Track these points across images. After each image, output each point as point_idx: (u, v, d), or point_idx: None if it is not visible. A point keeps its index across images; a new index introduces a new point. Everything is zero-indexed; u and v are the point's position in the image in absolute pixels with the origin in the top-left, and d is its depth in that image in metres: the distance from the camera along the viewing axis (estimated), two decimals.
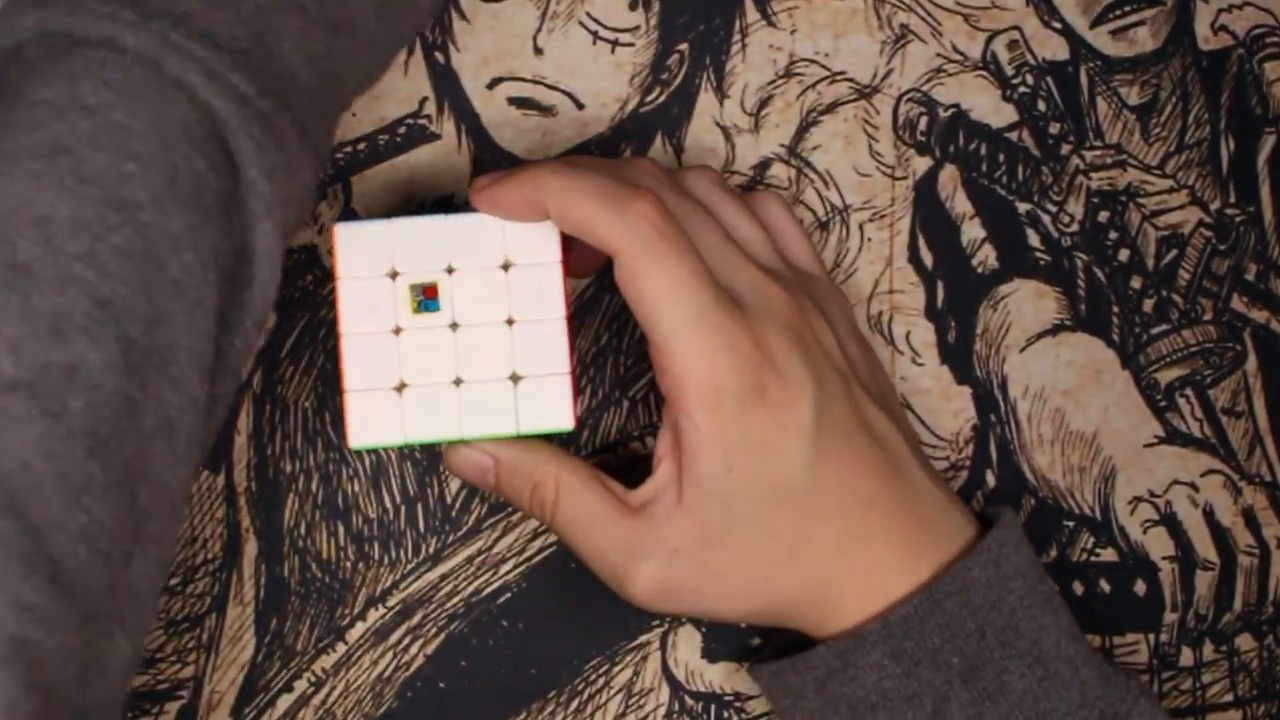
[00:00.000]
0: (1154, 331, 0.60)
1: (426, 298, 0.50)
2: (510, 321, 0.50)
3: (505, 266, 0.50)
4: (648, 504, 0.50)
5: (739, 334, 0.48)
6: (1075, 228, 0.60)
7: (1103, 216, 0.60)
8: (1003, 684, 0.50)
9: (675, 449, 0.49)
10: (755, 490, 0.49)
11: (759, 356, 0.48)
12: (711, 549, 0.49)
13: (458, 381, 0.50)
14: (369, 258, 0.50)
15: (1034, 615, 0.51)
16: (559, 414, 0.50)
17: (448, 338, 0.50)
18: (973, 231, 0.59)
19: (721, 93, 0.59)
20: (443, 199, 0.57)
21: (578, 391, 0.52)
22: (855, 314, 0.57)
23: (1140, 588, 0.59)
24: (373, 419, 0.50)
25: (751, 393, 0.48)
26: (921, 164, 0.59)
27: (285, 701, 0.56)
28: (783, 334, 0.49)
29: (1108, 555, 0.59)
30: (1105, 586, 0.59)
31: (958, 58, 0.59)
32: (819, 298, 0.53)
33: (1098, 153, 0.60)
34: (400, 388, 0.50)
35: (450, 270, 0.50)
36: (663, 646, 0.57)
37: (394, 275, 0.50)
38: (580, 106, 0.58)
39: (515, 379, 0.50)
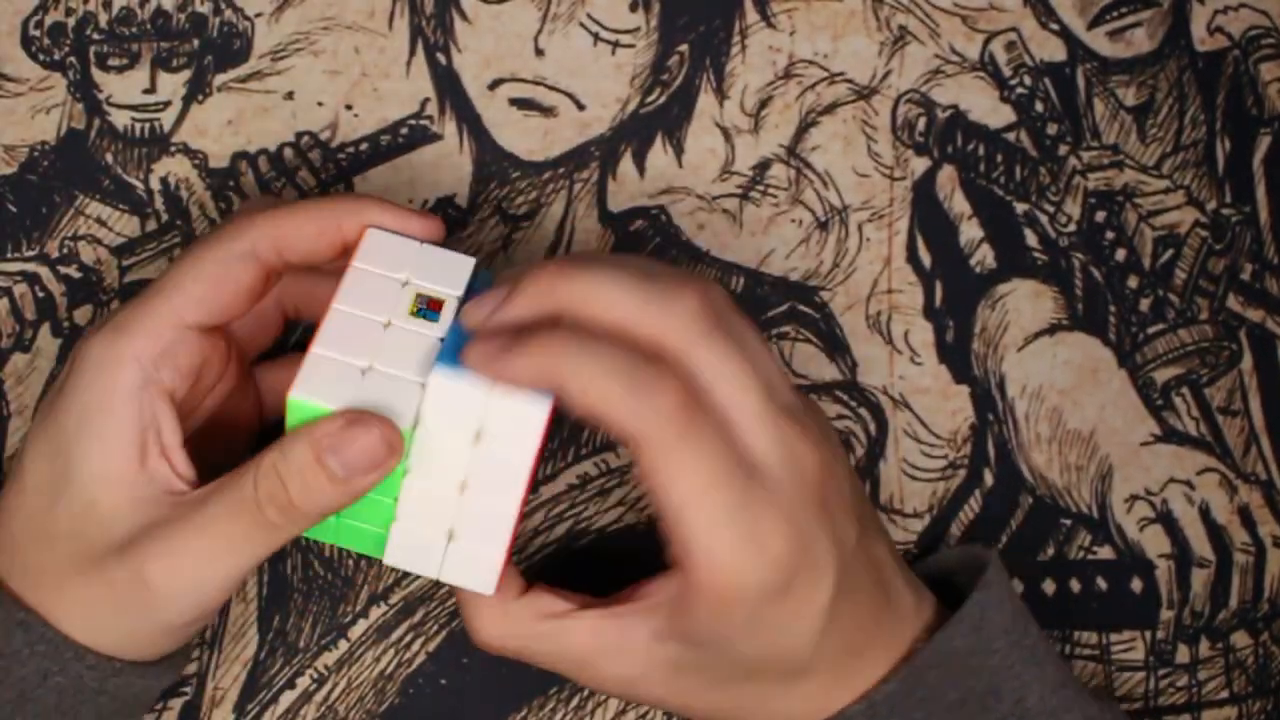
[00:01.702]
0: (1150, 331, 0.60)
1: (428, 308, 0.47)
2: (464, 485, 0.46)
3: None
4: (628, 614, 0.47)
5: (771, 532, 0.44)
6: (1072, 228, 0.60)
7: (1100, 216, 0.60)
8: None
9: (677, 587, 0.46)
10: (750, 655, 0.47)
11: (789, 554, 0.44)
12: (684, 676, 0.47)
13: (424, 387, 0.46)
14: (388, 261, 0.48)
15: (1017, 673, 0.50)
16: (489, 565, 0.47)
17: (433, 347, 0.46)
18: (971, 231, 0.60)
19: (721, 94, 0.59)
20: (444, 199, 0.58)
21: (510, 560, 0.48)
22: (856, 313, 0.57)
23: (1136, 585, 0.59)
24: (325, 381, 0.45)
25: (775, 592, 0.44)
26: (920, 164, 0.59)
27: (288, 698, 0.56)
28: (812, 508, 0.45)
29: (1104, 553, 0.59)
30: (1102, 584, 0.59)
31: (956, 59, 0.60)
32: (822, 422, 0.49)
33: (1095, 153, 0.60)
34: (366, 370, 0.45)
35: (461, 301, 0.47)
36: None
37: (405, 283, 0.47)
38: (581, 107, 0.58)
39: (451, 536, 0.47)
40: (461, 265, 0.48)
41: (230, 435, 0.52)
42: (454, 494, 0.46)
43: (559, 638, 0.48)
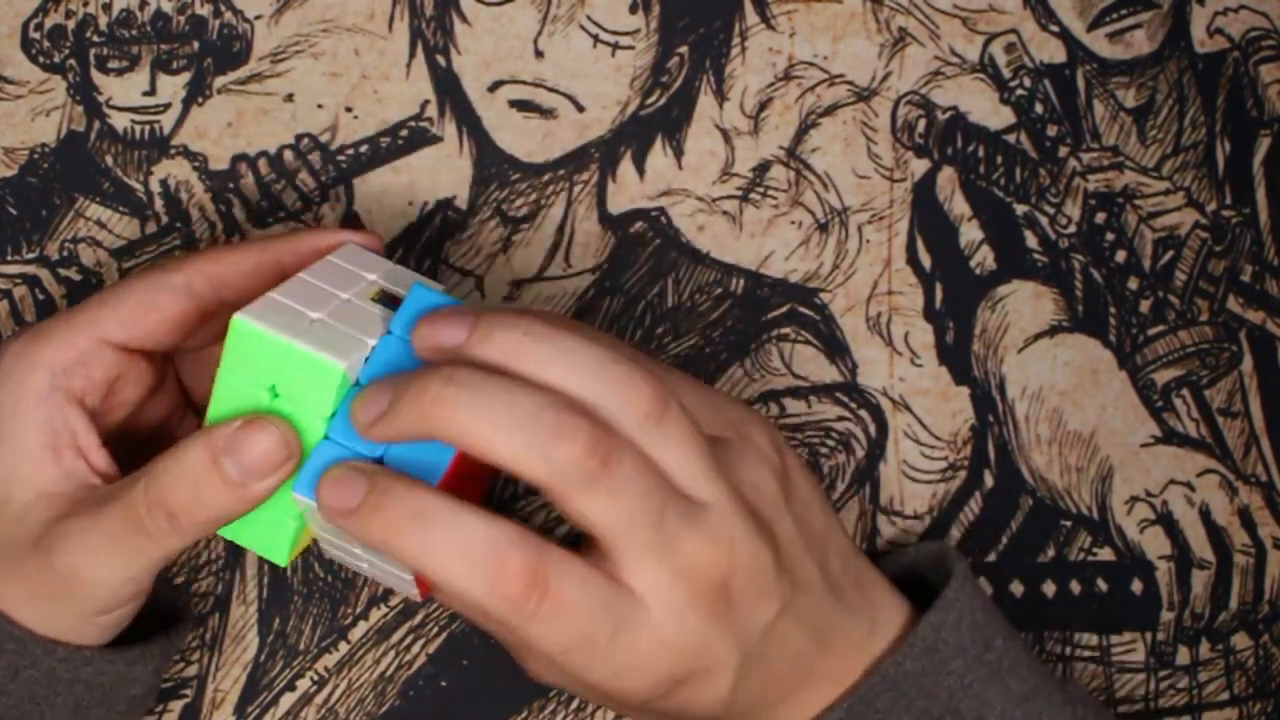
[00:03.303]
0: (1151, 332, 0.60)
1: (389, 301, 0.47)
2: None
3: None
4: None
5: (653, 657, 0.44)
6: (1072, 229, 0.60)
7: (1100, 218, 0.60)
8: None
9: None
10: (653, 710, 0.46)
11: (673, 669, 0.44)
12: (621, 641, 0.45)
13: (367, 361, 0.45)
14: (359, 264, 0.48)
15: (975, 692, 0.49)
16: (410, 582, 0.46)
17: (384, 324, 0.45)
18: (971, 233, 0.60)
19: (721, 95, 0.59)
20: (444, 201, 0.58)
21: None
22: (856, 314, 0.57)
23: (1137, 587, 0.59)
24: (272, 314, 0.44)
25: (662, 696, 0.45)
26: (920, 166, 0.59)
27: (288, 700, 0.56)
28: (705, 612, 0.44)
29: (1105, 554, 0.59)
30: (1102, 585, 0.59)
31: (956, 60, 0.60)
32: (745, 471, 0.47)
33: (1095, 155, 0.60)
34: (315, 321, 0.45)
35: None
36: None
37: (373, 284, 0.47)
38: (581, 109, 0.58)
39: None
40: (429, 286, 0.47)
41: (146, 419, 0.52)
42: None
43: None
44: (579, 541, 0.45)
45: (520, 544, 0.42)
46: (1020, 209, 0.60)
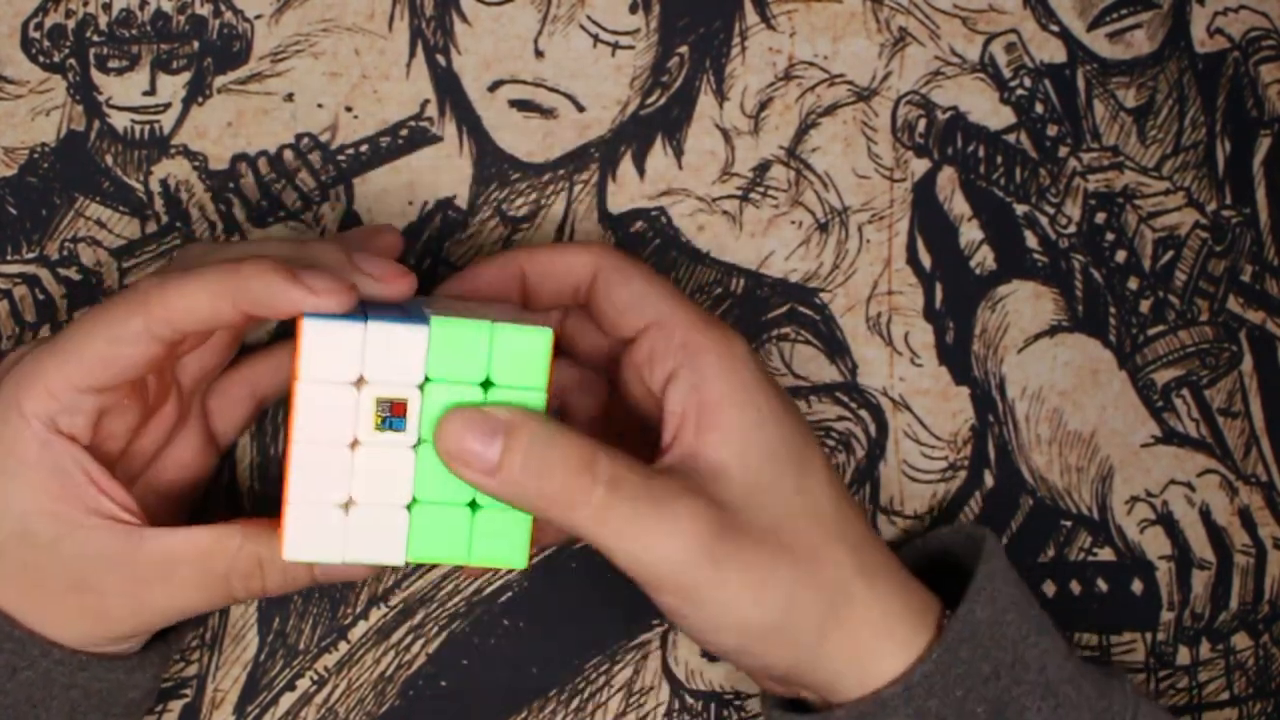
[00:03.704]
0: (1151, 332, 0.60)
1: (393, 415, 0.45)
2: None
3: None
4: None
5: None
6: (1073, 229, 0.60)
7: (1100, 218, 0.60)
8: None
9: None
10: (780, 513, 0.48)
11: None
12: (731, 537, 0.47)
13: (412, 504, 0.46)
14: (337, 360, 0.45)
15: (1034, 643, 0.50)
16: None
17: (408, 457, 0.46)
18: (971, 233, 0.60)
19: (721, 95, 0.59)
20: (444, 201, 0.58)
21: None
22: (856, 314, 0.57)
23: (1137, 587, 0.59)
24: (313, 534, 0.45)
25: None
26: (920, 166, 0.59)
27: (288, 700, 0.56)
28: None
29: (1105, 554, 0.59)
30: (1102, 586, 0.59)
31: (956, 60, 0.60)
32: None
33: (1095, 155, 0.60)
34: (347, 505, 0.45)
35: (423, 386, 0.46)
36: (663, 645, 0.57)
37: (360, 383, 0.45)
38: (581, 109, 0.58)
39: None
40: (414, 340, 0.45)
41: (173, 457, 0.53)
42: None
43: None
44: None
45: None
46: (1020, 209, 0.60)
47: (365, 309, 0.46)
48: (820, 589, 0.48)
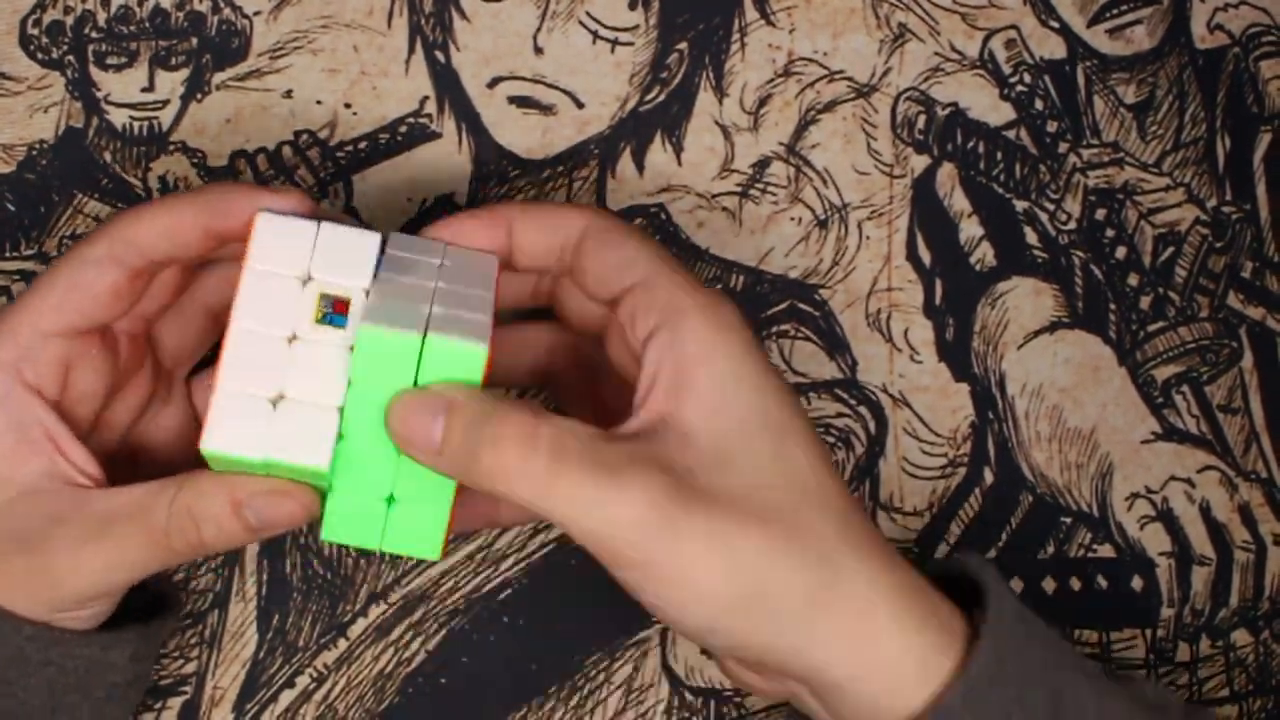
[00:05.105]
0: (1151, 329, 0.60)
1: (335, 311, 0.45)
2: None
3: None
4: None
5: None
6: (1073, 225, 0.60)
7: (1100, 214, 0.60)
8: (1080, 705, 0.47)
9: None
10: (754, 482, 0.46)
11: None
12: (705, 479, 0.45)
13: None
14: (285, 254, 0.45)
15: (1058, 636, 0.49)
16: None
17: (343, 358, 0.44)
18: (971, 229, 0.60)
19: (721, 91, 0.59)
20: (443, 198, 0.58)
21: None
22: (856, 311, 0.57)
23: (1137, 583, 0.59)
24: (236, 425, 0.44)
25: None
26: (920, 162, 0.59)
27: (287, 697, 0.56)
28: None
29: (1105, 551, 0.59)
30: (1102, 582, 0.59)
31: (955, 56, 0.60)
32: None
33: (1095, 151, 0.60)
34: (276, 400, 0.44)
35: (368, 291, 0.45)
36: (663, 642, 0.57)
37: (306, 279, 0.45)
38: (580, 105, 0.58)
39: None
40: (365, 244, 0.45)
41: (157, 437, 0.52)
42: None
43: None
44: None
45: None
46: (1020, 205, 0.60)
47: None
48: (800, 559, 0.45)
